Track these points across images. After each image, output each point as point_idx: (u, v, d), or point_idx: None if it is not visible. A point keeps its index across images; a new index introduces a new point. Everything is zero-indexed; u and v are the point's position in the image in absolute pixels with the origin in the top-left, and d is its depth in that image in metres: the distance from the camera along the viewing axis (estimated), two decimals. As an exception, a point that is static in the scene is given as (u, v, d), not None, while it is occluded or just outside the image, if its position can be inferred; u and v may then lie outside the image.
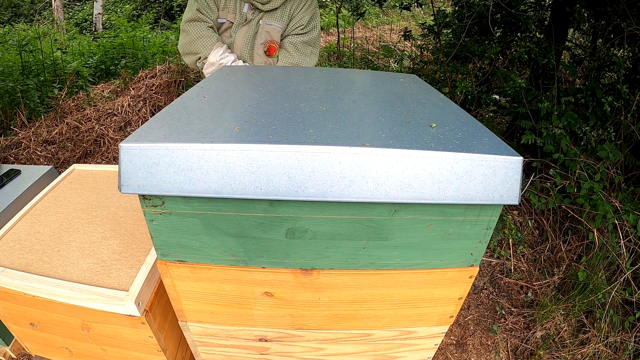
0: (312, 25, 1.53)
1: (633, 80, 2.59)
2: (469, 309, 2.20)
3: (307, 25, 1.51)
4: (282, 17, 1.49)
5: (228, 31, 1.52)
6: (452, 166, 0.59)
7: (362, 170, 0.58)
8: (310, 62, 1.54)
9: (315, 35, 1.54)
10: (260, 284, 0.75)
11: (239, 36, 1.49)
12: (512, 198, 0.61)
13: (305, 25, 1.50)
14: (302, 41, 1.51)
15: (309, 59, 1.53)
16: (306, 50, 1.52)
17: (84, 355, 1.05)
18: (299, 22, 1.50)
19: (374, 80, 1.01)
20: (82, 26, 8.02)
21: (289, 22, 1.50)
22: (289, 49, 1.51)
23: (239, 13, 1.49)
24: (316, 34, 1.54)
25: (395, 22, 7.87)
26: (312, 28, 1.53)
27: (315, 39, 1.55)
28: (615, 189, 2.27)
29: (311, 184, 0.58)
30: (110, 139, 3.26)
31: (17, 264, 0.93)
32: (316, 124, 0.65)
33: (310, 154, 0.57)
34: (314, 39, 1.54)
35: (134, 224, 1.06)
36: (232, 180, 0.58)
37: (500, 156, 0.59)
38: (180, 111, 0.69)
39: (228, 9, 1.50)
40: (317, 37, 1.55)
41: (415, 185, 0.59)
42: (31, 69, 3.80)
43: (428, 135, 0.64)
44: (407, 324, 0.86)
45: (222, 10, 1.52)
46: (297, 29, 1.51)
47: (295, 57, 1.50)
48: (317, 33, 1.54)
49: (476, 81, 3.18)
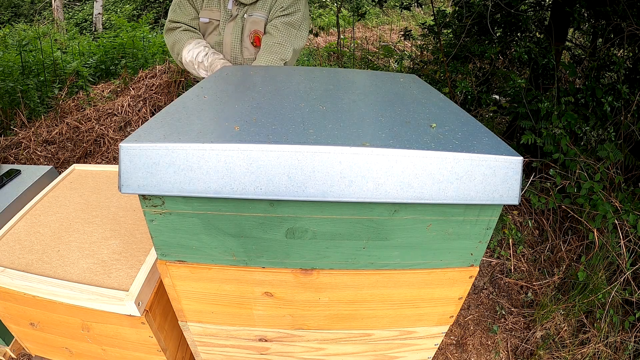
0: (295, 8, 1.48)
1: (633, 80, 2.59)
2: (469, 309, 2.20)
3: (289, 8, 1.47)
4: (264, 6, 1.47)
5: (216, 30, 1.51)
6: (452, 166, 0.59)
7: (362, 170, 0.58)
8: (295, 44, 1.49)
9: (299, 18, 1.48)
10: (260, 284, 0.75)
11: (227, 33, 1.49)
12: (512, 198, 0.61)
13: (286, 7, 1.46)
14: (283, 22, 1.46)
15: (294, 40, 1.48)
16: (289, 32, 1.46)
17: (84, 355, 1.05)
18: (279, 5, 1.46)
19: (374, 80, 1.01)
20: (82, 26, 8.02)
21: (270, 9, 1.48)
22: (270, 31, 1.46)
23: (224, 10, 1.47)
24: (300, 16, 1.48)
25: (395, 22, 7.87)
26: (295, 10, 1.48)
27: (299, 21, 1.49)
28: (615, 189, 2.27)
29: (311, 184, 0.58)
30: (110, 139, 3.26)
31: (17, 264, 0.93)
32: (316, 124, 0.65)
33: (310, 154, 0.57)
34: (297, 20, 1.48)
35: (134, 224, 1.06)
36: (232, 180, 0.58)
37: (500, 156, 0.59)
38: (180, 111, 0.70)
39: (211, 8, 1.49)
40: (301, 20, 1.49)
41: (415, 185, 0.59)
42: (31, 69, 3.80)
43: (428, 135, 0.64)
44: (407, 324, 0.86)
45: (205, 10, 1.50)
46: (278, 11, 1.47)
47: (276, 37, 1.44)
48: (300, 15, 1.48)
49: (476, 81, 3.18)
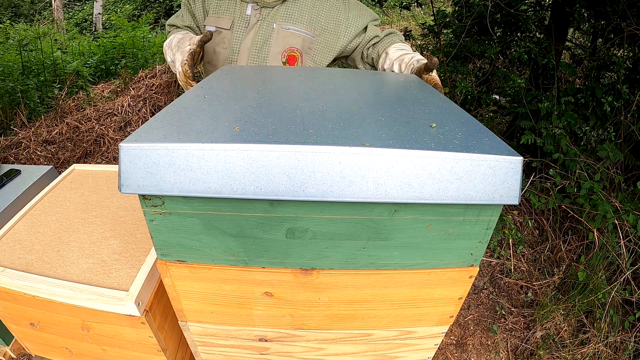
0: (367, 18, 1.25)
1: (633, 80, 2.59)
2: (469, 309, 2.20)
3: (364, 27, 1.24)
4: (301, 17, 1.19)
5: (225, 41, 1.22)
6: (452, 166, 0.59)
7: (362, 170, 0.58)
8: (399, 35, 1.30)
9: (368, 12, 1.27)
10: (260, 284, 0.75)
11: (245, 46, 1.20)
12: (512, 198, 0.61)
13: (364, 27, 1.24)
14: (376, 25, 1.26)
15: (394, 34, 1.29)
16: (384, 31, 1.25)
17: (84, 355, 1.05)
18: (355, 30, 1.23)
19: (374, 80, 1.01)
20: (82, 26, 8.03)
21: (311, 23, 1.20)
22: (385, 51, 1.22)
23: (240, 16, 1.20)
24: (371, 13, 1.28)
25: (395, 22, 7.87)
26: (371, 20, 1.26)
27: (374, 17, 1.28)
28: (615, 189, 2.27)
29: (311, 183, 0.58)
30: (110, 139, 3.26)
31: (17, 264, 0.93)
32: (316, 124, 0.65)
33: (310, 153, 0.57)
34: (374, 18, 1.28)
35: (134, 224, 1.06)
36: (232, 180, 0.58)
37: (500, 156, 0.59)
38: (180, 111, 0.70)
39: (219, 14, 1.22)
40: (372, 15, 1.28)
41: (416, 185, 0.59)
42: (31, 69, 3.80)
43: (428, 135, 0.64)
44: (407, 324, 0.86)
45: (211, 16, 1.23)
46: (365, 40, 1.25)
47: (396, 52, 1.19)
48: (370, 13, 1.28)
49: (476, 81, 3.18)
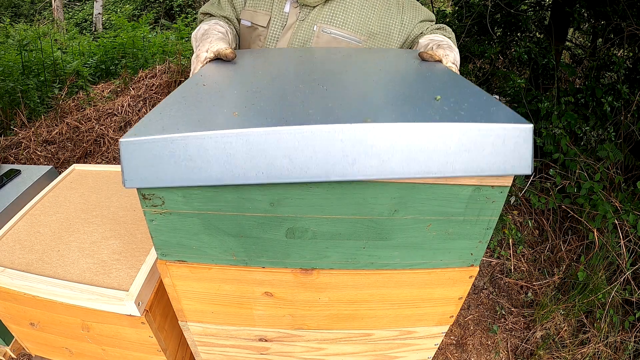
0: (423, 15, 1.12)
1: (633, 80, 2.60)
2: (469, 309, 2.20)
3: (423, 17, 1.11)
4: (347, 20, 1.07)
5: (261, 39, 1.12)
6: (458, 137, 0.55)
7: (365, 147, 0.55)
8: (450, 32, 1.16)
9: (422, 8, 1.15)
10: (260, 283, 0.75)
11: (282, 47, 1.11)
12: (524, 167, 0.57)
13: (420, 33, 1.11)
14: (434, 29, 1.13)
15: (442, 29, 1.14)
16: (443, 35, 1.09)
17: (84, 355, 1.05)
18: (408, 36, 1.11)
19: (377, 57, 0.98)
20: (82, 26, 8.02)
21: (358, 27, 1.08)
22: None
23: (279, 14, 1.10)
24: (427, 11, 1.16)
25: (395, 22, 7.84)
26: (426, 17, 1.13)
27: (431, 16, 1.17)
28: (615, 189, 2.27)
29: (313, 164, 0.56)
30: (110, 139, 3.26)
31: (17, 264, 0.93)
32: (316, 104, 0.64)
33: (310, 133, 0.55)
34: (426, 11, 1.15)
35: (134, 224, 1.06)
36: (233, 166, 0.57)
37: (509, 124, 0.56)
38: (179, 101, 0.69)
39: (256, 8, 1.11)
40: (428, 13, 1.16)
41: (421, 160, 0.56)
42: (31, 69, 3.80)
43: (432, 108, 0.61)
44: (407, 324, 0.86)
45: (247, 10, 1.13)
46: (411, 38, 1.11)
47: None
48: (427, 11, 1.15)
49: (476, 81, 3.18)
